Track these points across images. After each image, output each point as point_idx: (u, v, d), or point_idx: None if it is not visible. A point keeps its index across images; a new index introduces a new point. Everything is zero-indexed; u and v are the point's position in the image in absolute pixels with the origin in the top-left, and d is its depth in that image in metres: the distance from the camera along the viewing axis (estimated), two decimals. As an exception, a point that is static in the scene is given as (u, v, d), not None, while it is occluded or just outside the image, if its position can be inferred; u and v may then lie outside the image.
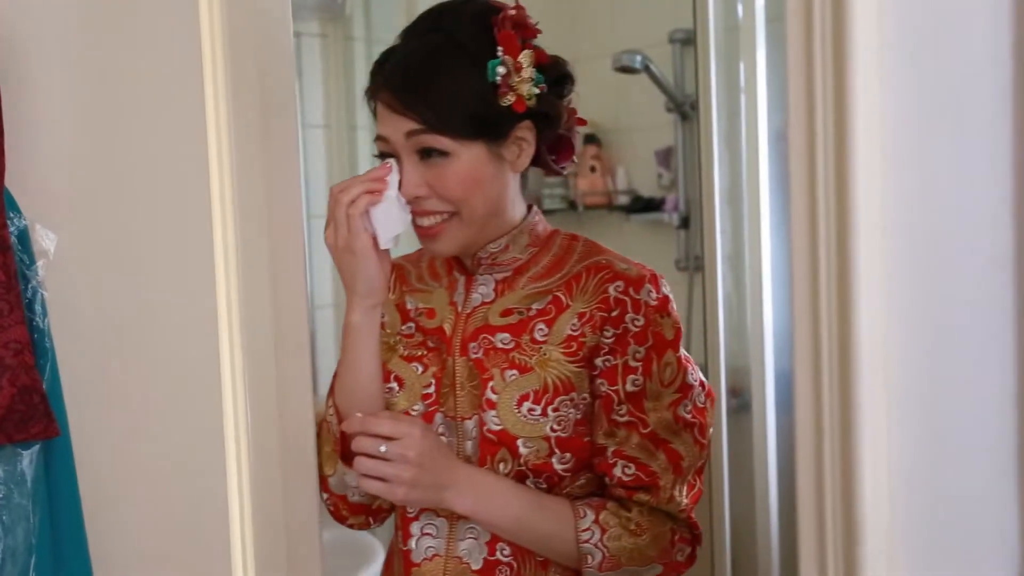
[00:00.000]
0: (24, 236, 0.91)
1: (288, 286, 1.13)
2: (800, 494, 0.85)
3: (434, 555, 1.15)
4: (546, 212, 2.81)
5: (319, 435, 1.20)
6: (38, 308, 0.92)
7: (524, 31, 1.13)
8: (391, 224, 1.10)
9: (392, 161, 1.11)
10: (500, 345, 1.15)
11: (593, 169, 2.77)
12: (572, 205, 2.81)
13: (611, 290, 1.13)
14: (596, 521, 1.12)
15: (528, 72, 1.11)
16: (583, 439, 1.14)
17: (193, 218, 1.07)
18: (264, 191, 1.10)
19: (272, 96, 1.11)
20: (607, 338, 1.12)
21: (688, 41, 2.49)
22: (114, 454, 1.02)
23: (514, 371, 1.13)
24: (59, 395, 0.94)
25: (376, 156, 1.15)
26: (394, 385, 1.19)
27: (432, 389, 1.17)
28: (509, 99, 1.10)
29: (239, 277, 1.08)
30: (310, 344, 1.18)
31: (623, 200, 2.76)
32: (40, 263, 0.92)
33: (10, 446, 0.90)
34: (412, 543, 1.16)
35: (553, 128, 1.17)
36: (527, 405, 1.12)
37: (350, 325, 1.15)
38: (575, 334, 1.13)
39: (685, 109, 2.56)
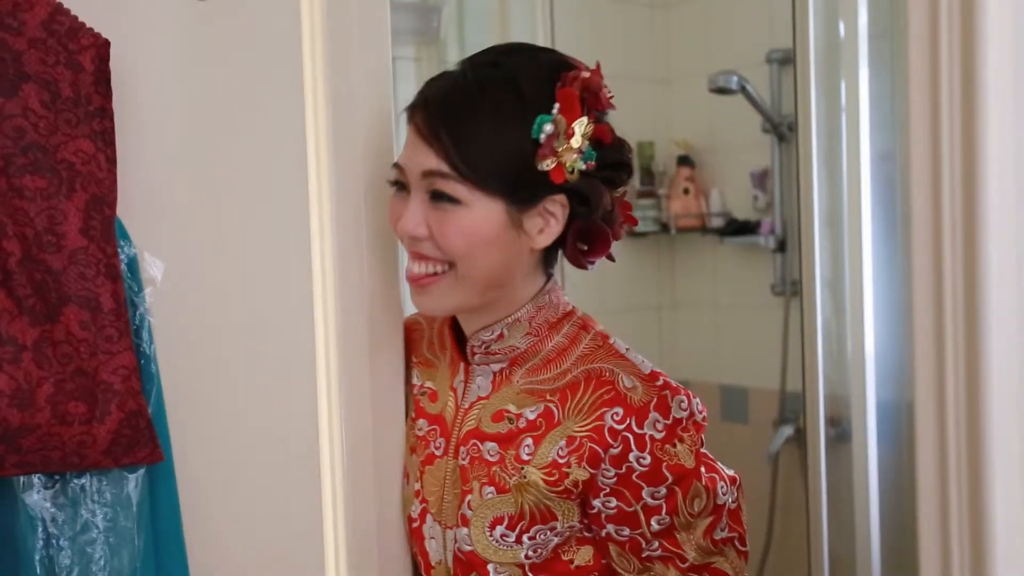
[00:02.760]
0: (133, 264, 0.93)
1: (384, 311, 1.13)
2: (921, 540, 0.80)
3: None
4: (638, 235, 2.80)
5: None
6: (145, 335, 0.93)
7: (593, 100, 1.00)
8: None
9: None
10: (487, 456, 1.06)
11: (687, 191, 2.73)
12: (664, 227, 2.77)
13: (608, 418, 1.00)
14: None
15: (578, 143, 0.98)
16: (562, 558, 1.06)
17: (292, 244, 1.08)
18: (362, 215, 1.11)
19: (370, 120, 1.11)
20: (607, 477, 1.01)
21: (786, 61, 2.44)
22: (213, 478, 1.03)
23: (492, 488, 1.04)
24: (163, 420, 0.95)
25: (390, 183, 1.06)
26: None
27: (420, 485, 1.12)
28: (548, 164, 0.98)
29: (336, 303, 1.09)
30: (404, 371, 1.17)
31: (717, 223, 2.71)
32: (148, 290, 0.93)
33: (117, 470, 0.91)
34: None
35: (588, 215, 1.03)
36: (500, 530, 1.04)
37: None
38: (561, 462, 1.01)
39: (782, 130, 2.51)
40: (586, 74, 1.00)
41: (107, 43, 0.91)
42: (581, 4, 2.70)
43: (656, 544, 1.04)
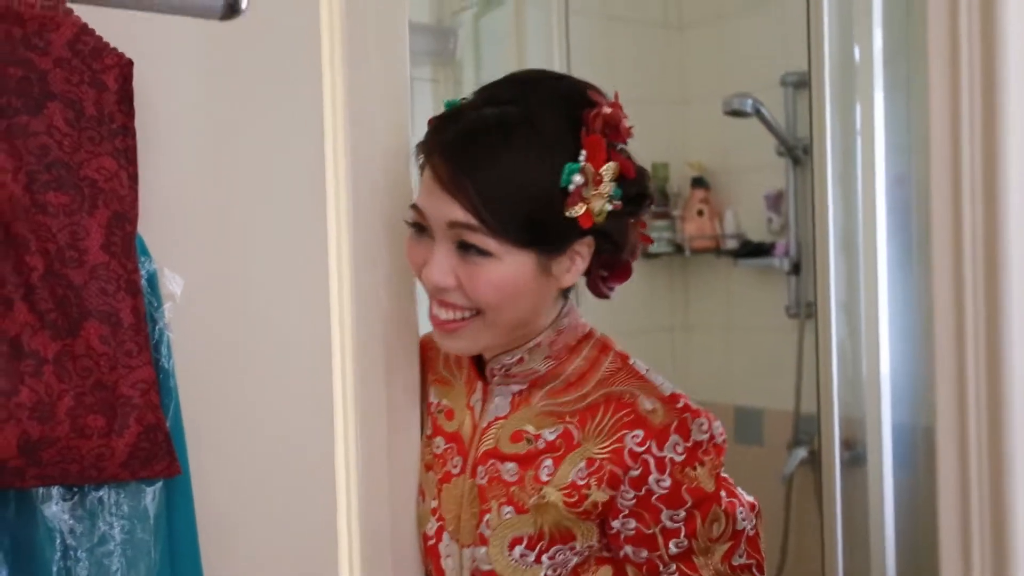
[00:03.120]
0: (153, 279, 0.94)
1: (399, 327, 1.14)
2: (943, 565, 0.79)
3: None
4: (651, 256, 2.80)
5: None
6: (164, 349, 0.94)
7: (615, 134, 0.99)
8: None
9: None
10: (506, 476, 1.05)
11: (701, 212, 2.74)
12: (679, 249, 2.77)
13: (628, 440, 1.00)
14: None
15: (607, 187, 0.97)
16: None
17: (310, 261, 1.09)
18: (380, 233, 1.11)
19: (388, 140, 1.12)
20: (626, 499, 1.01)
21: (801, 84, 2.45)
22: (229, 492, 1.03)
23: (510, 508, 1.04)
24: (181, 434, 0.95)
25: (408, 223, 1.03)
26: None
27: (437, 503, 1.11)
28: (577, 211, 0.96)
29: (353, 319, 1.09)
30: (421, 388, 1.18)
31: (731, 245, 2.71)
32: (167, 306, 0.94)
33: (135, 483, 0.91)
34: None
35: (614, 252, 1.04)
36: (519, 549, 1.03)
37: None
38: (580, 483, 1.01)
39: (797, 152, 2.51)
40: (607, 110, 0.98)
41: (130, 63, 0.92)
42: (596, 26, 2.72)
43: (674, 567, 1.03)
